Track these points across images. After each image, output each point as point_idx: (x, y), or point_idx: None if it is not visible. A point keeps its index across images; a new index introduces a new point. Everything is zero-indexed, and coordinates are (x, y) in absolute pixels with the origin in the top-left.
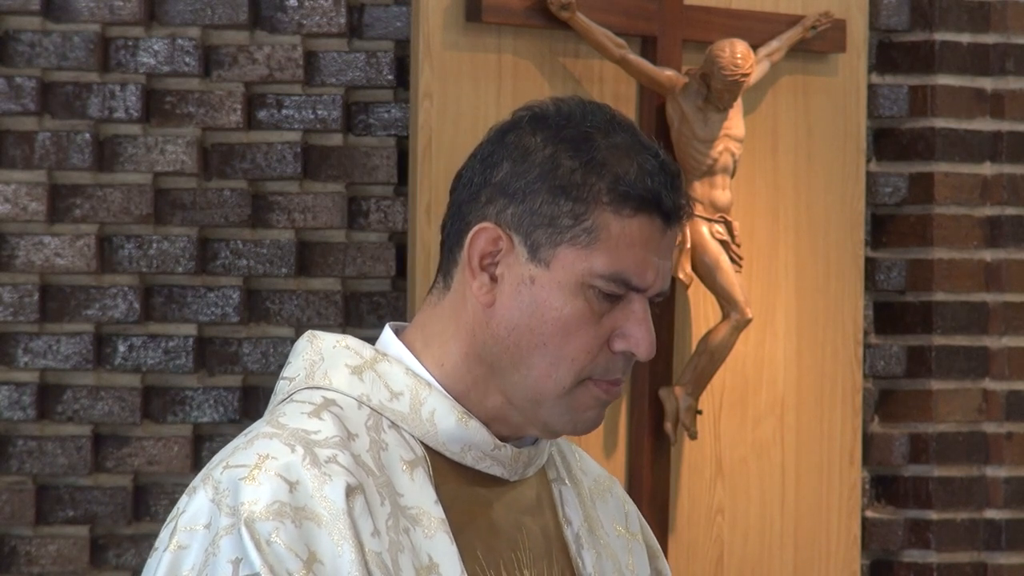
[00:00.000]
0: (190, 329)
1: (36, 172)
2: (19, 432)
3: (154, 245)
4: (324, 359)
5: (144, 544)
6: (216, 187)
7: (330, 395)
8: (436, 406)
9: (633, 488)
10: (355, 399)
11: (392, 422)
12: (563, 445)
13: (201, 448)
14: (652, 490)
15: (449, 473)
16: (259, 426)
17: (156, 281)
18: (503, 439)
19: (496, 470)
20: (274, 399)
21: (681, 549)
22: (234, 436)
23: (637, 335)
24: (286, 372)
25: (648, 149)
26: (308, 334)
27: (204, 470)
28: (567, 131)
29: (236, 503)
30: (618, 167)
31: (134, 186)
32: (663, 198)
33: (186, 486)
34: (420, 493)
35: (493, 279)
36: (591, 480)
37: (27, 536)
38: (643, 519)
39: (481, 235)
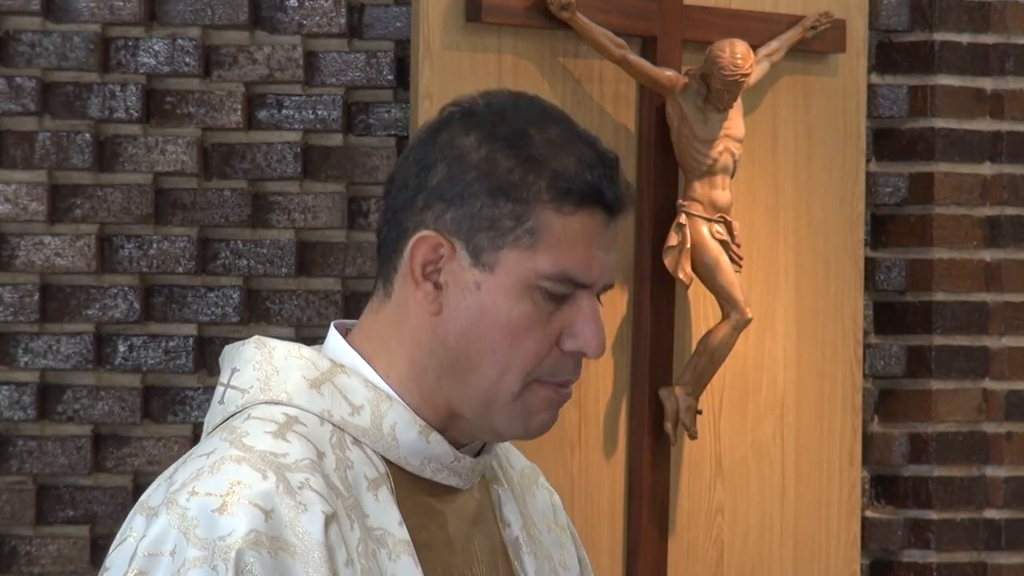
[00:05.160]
0: (190, 329)
1: (36, 172)
2: (19, 432)
3: (154, 245)
4: (279, 371)
5: None
6: (216, 187)
7: (292, 412)
8: (397, 419)
9: (633, 488)
10: (316, 415)
11: (355, 438)
12: None
13: None
14: (652, 490)
15: (408, 487)
16: (223, 448)
17: (156, 281)
18: (456, 445)
19: (452, 480)
20: (220, 408)
21: (681, 549)
22: None
23: (587, 333)
24: (235, 381)
25: (585, 140)
26: (255, 340)
27: (163, 491)
28: (501, 128)
29: (212, 536)
30: (556, 162)
31: (134, 186)
32: (604, 191)
33: None
34: (384, 514)
35: (437, 287)
36: (518, 473)
37: (27, 536)
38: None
39: (422, 243)
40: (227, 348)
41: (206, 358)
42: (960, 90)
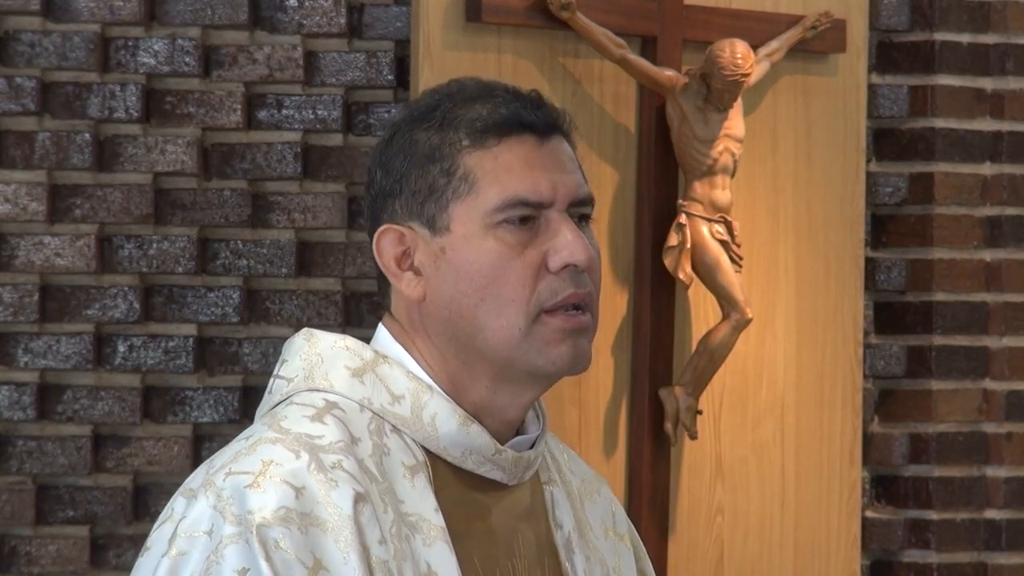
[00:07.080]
0: (190, 329)
1: (36, 172)
2: (19, 432)
3: (154, 245)
4: (324, 360)
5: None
6: (216, 187)
7: (332, 398)
8: (437, 410)
9: (633, 488)
10: (357, 403)
11: (394, 426)
12: (553, 445)
13: (201, 448)
14: (652, 490)
15: (449, 478)
16: (261, 430)
17: (156, 281)
18: (501, 439)
19: (496, 474)
20: (268, 398)
21: (681, 549)
22: (234, 436)
23: (567, 244)
24: (283, 371)
25: (498, 87)
26: (305, 332)
27: (202, 474)
28: (415, 111)
29: (243, 511)
30: (470, 113)
31: (134, 186)
32: (523, 115)
33: None
34: (420, 500)
35: (417, 273)
36: (580, 480)
37: (27, 536)
38: (628, 519)
39: (382, 239)
40: (285, 342)
41: (206, 358)
42: (960, 90)
